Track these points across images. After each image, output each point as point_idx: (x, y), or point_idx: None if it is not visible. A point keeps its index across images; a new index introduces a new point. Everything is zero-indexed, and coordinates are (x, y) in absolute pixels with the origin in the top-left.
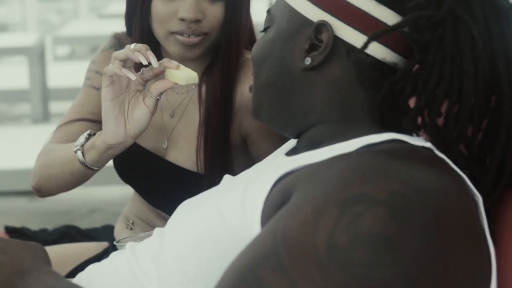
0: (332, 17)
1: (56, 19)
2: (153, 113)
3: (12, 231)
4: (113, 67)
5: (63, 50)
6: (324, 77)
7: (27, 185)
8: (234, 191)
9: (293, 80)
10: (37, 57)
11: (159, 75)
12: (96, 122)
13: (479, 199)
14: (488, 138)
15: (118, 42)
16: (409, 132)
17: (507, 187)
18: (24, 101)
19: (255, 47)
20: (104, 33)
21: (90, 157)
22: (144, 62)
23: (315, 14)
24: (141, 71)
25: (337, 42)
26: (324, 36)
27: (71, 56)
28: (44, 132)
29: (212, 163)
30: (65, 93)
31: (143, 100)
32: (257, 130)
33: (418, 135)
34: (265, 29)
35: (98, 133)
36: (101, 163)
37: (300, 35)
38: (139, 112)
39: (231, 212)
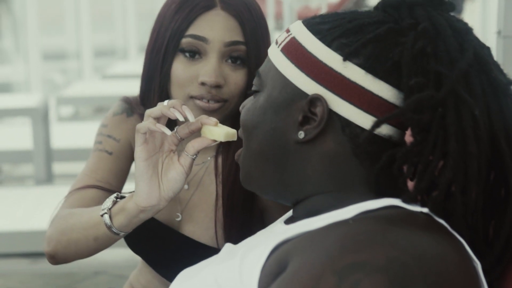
0: (327, 91)
1: (60, 79)
2: (188, 173)
3: None
4: (147, 123)
5: (67, 110)
6: (318, 150)
7: (30, 247)
8: (231, 259)
9: (286, 152)
10: (40, 118)
11: (195, 132)
12: (109, 191)
13: (478, 265)
14: (489, 210)
15: (130, 107)
16: None
17: (510, 261)
18: (28, 161)
19: (245, 113)
20: (108, 93)
21: (119, 221)
22: (181, 119)
23: (309, 86)
24: (175, 129)
25: (332, 115)
26: (318, 110)
27: (75, 117)
28: (48, 194)
29: (237, 238)
30: (69, 154)
31: (178, 159)
32: (275, 204)
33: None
34: (254, 92)
35: (128, 196)
36: (129, 228)
37: (293, 106)
38: (174, 173)
39: (228, 281)
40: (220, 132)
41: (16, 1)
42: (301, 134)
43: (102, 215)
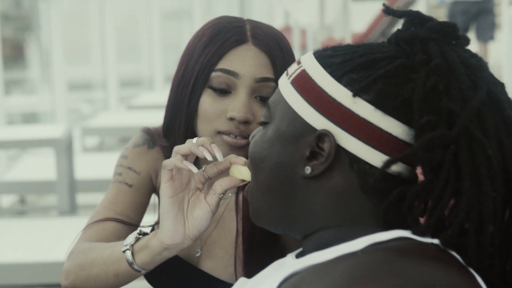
0: (335, 126)
1: (86, 109)
2: (215, 212)
3: None
4: (174, 159)
5: (92, 141)
6: (325, 185)
7: (53, 278)
8: None
9: (293, 186)
10: (64, 148)
11: (223, 172)
12: (129, 225)
13: None
14: (505, 249)
15: (151, 139)
16: None
17: None
18: (51, 192)
19: (253, 145)
20: (134, 124)
21: (142, 258)
22: (209, 158)
23: (318, 121)
24: (203, 168)
25: (340, 151)
26: (326, 146)
27: (100, 147)
28: (72, 224)
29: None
30: (93, 185)
31: (205, 198)
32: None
33: None
34: (262, 123)
35: (152, 233)
36: (151, 266)
37: (300, 141)
38: (200, 211)
39: None
40: (249, 172)
41: (42, 32)
42: (308, 170)
43: (124, 251)
